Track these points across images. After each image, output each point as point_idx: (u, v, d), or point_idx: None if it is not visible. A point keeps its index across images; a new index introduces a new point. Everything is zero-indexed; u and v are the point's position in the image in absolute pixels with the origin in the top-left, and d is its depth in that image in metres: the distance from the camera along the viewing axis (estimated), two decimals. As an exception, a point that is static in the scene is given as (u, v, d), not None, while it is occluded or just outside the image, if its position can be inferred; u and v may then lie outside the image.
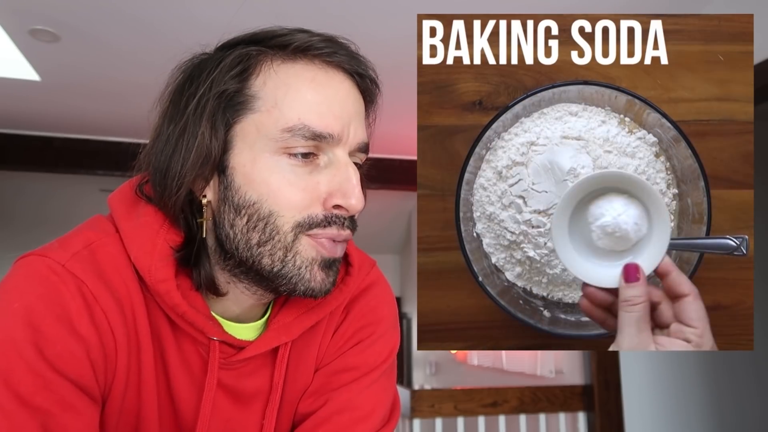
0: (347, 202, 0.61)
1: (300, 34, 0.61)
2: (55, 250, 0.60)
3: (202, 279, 0.63)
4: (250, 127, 0.60)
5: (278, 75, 0.60)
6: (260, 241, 0.60)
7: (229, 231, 0.61)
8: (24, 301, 0.56)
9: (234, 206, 0.60)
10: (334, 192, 0.61)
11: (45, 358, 0.55)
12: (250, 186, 0.60)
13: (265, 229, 0.60)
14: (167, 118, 0.62)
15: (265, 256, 0.61)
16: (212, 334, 0.64)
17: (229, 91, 0.59)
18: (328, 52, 0.61)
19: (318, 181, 0.61)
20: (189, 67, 0.64)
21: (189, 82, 0.62)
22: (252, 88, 0.60)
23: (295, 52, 0.61)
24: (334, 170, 0.61)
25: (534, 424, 2.60)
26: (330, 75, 0.62)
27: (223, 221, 0.61)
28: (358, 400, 0.70)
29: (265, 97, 0.60)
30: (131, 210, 0.63)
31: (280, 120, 0.59)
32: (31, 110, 2.93)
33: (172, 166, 0.60)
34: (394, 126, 2.85)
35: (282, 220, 0.60)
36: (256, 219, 0.60)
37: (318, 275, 0.62)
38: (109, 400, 0.62)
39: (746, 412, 2.91)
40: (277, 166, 0.60)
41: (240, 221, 0.60)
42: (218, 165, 0.60)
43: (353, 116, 0.63)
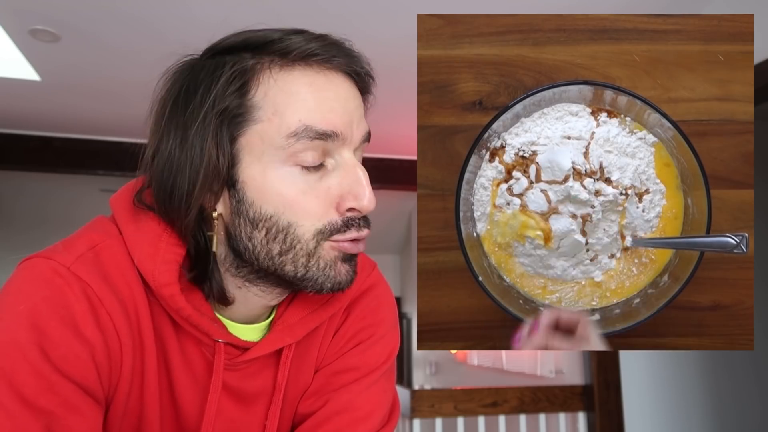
0: (360, 204, 0.61)
1: (295, 38, 0.60)
2: (59, 252, 0.60)
3: (213, 292, 0.64)
4: (254, 138, 0.59)
5: (277, 83, 0.60)
6: (282, 250, 0.61)
7: (247, 243, 0.61)
8: (29, 303, 0.56)
9: (250, 220, 0.60)
10: (346, 195, 0.61)
11: (49, 360, 0.55)
12: (263, 199, 0.60)
13: (285, 239, 0.60)
14: (164, 134, 0.61)
15: (288, 264, 0.61)
16: (217, 336, 0.64)
17: (230, 107, 0.59)
18: (326, 56, 0.61)
19: (329, 186, 0.61)
20: (181, 77, 0.62)
21: (185, 95, 0.61)
22: (252, 99, 0.60)
23: (293, 59, 0.60)
24: (343, 173, 0.62)
25: (534, 424, 2.60)
26: (328, 78, 0.61)
27: (239, 234, 0.61)
28: (358, 401, 0.70)
29: (266, 107, 0.59)
30: (133, 214, 0.63)
31: (282, 126, 0.59)
32: (31, 110, 2.93)
33: (177, 187, 0.59)
34: (394, 126, 2.85)
35: (302, 229, 0.60)
36: (275, 231, 0.60)
37: (342, 269, 0.63)
38: (113, 403, 0.62)
39: (746, 412, 2.91)
40: (289, 176, 0.60)
41: (258, 234, 0.60)
42: (227, 180, 0.60)
43: (353, 112, 0.63)
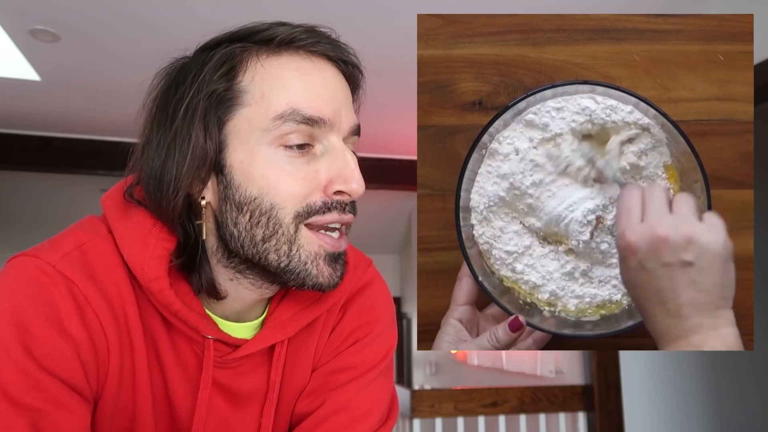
0: (349, 187, 0.61)
1: (281, 27, 0.62)
2: (45, 250, 0.60)
3: (203, 283, 0.63)
4: (242, 122, 0.60)
5: (264, 68, 0.61)
6: (264, 236, 0.60)
7: (233, 230, 0.61)
8: (14, 301, 0.56)
9: (236, 204, 0.60)
10: (335, 178, 0.61)
11: (34, 358, 0.55)
12: (249, 182, 0.60)
13: (268, 223, 0.60)
14: (155, 125, 0.62)
15: (271, 251, 0.61)
16: (207, 332, 0.64)
17: (218, 91, 0.60)
18: (311, 42, 0.62)
19: (317, 169, 0.61)
20: (172, 72, 0.64)
21: (174, 87, 0.62)
22: (240, 84, 0.60)
23: (279, 45, 0.61)
24: (332, 157, 0.62)
25: (534, 424, 2.60)
26: (315, 63, 0.62)
27: (226, 220, 0.61)
28: (356, 400, 0.70)
29: (253, 91, 0.60)
30: (124, 210, 0.64)
31: (270, 109, 0.59)
32: (31, 110, 2.93)
33: (166, 172, 0.60)
34: (394, 126, 2.85)
35: (283, 212, 0.60)
36: (258, 214, 0.60)
37: (325, 270, 0.62)
38: (101, 401, 0.62)
39: (746, 412, 2.91)
40: (275, 158, 0.60)
41: (243, 218, 0.60)
42: (215, 165, 0.61)
43: (342, 101, 0.63)
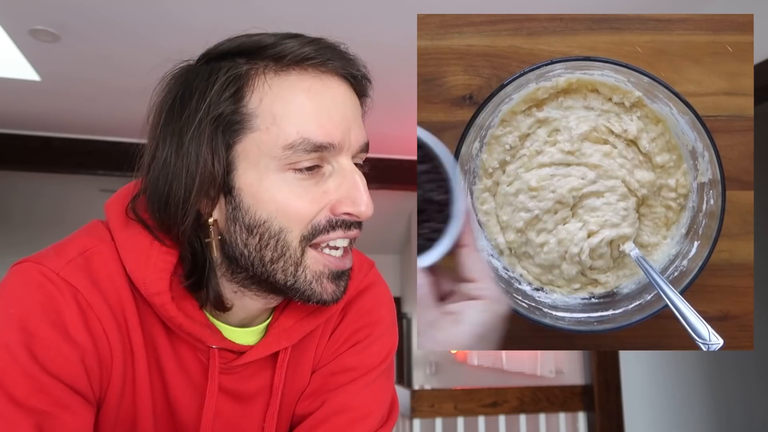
0: (357, 210, 0.61)
1: (289, 42, 0.59)
2: (50, 257, 0.60)
3: (210, 297, 0.63)
4: (251, 146, 0.59)
5: (272, 89, 0.59)
6: (273, 258, 0.61)
7: (243, 249, 0.61)
8: (20, 307, 0.57)
9: (245, 226, 0.60)
10: (343, 199, 0.61)
11: (39, 362, 0.56)
12: (259, 205, 0.60)
13: (276, 246, 0.60)
14: (161, 141, 0.60)
15: (279, 272, 0.61)
16: (210, 342, 0.64)
17: (225, 114, 0.58)
18: (321, 59, 0.60)
19: (325, 190, 0.61)
20: (176, 83, 0.62)
21: (180, 103, 0.60)
22: (248, 106, 0.59)
23: (288, 63, 0.60)
24: (340, 178, 0.61)
25: (534, 424, 2.60)
26: (325, 83, 0.61)
27: (235, 240, 0.61)
28: (355, 401, 0.70)
29: (263, 115, 0.59)
30: (126, 220, 0.63)
31: (280, 137, 0.58)
32: (31, 110, 2.93)
33: (173, 194, 0.59)
34: (394, 126, 2.85)
35: (291, 235, 0.60)
36: (267, 237, 0.60)
37: (328, 287, 0.63)
38: (104, 407, 0.62)
39: (746, 413, 2.91)
40: (284, 181, 0.59)
41: (252, 240, 0.60)
42: (223, 187, 0.60)
43: (352, 120, 0.62)
